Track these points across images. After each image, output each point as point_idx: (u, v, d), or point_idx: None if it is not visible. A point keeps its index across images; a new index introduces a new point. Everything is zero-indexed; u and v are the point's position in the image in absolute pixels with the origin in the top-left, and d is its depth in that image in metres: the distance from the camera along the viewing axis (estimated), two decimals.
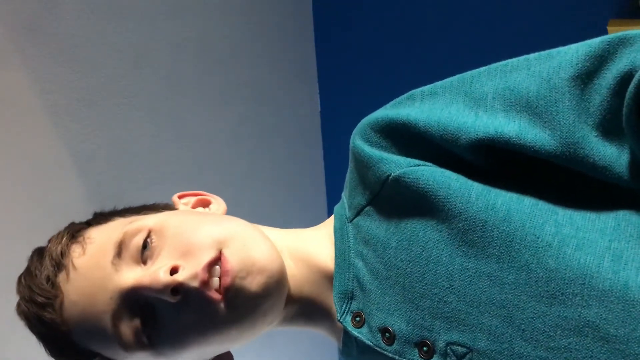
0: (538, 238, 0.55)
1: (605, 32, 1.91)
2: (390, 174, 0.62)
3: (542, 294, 0.54)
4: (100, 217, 0.72)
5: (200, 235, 0.64)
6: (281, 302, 0.66)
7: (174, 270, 0.61)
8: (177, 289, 0.61)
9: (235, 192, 1.99)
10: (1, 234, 1.34)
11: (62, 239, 0.70)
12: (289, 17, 2.25)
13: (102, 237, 0.67)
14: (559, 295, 0.53)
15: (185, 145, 1.81)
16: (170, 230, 0.65)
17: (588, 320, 0.52)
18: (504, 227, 0.56)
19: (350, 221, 0.68)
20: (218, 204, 0.79)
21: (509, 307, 0.55)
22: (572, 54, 0.57)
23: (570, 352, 0.52)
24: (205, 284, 0.61)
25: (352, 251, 0.66)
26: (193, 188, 1.84)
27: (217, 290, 0.61)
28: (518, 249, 0.55)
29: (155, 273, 0.61)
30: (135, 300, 0.63)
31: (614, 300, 0.51)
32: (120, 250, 0.65)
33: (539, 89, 0.57)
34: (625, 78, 0.53)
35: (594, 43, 0.56)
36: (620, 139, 0.54)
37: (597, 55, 0.55)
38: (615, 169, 0.54)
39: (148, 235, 0.65)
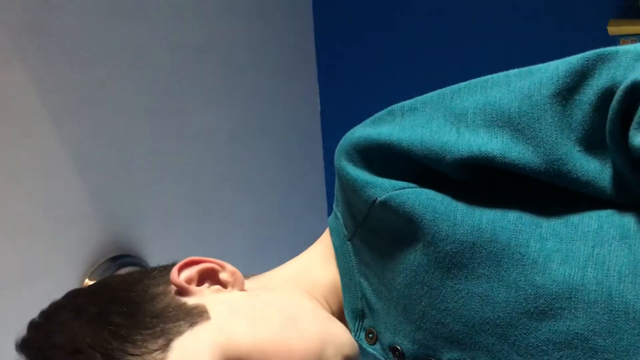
0: (524, 256, 0.56)
1: (605, 32, 1.92)
2: (377, 198, 0.62)
3: (532, 310, 0.55)
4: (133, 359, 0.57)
5: None
6: None
7: None
8: None
9: (235, 192, 1.99)
10: (1, 234, 1.34)
11: None
12: (289, 17, 2.24)
13: None
14: (547, 310, 0.55)
15: (185, 145, 1.81)
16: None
17: (577, 333, 0.54)
18: (491, 248, 0.57)
19: (349, 240, 0.68)
20: (229, 273, 0.67)
21: (503, 325, 0.57)
22: (552, 71, 0.57)
23: None
24: None
25: (355, 270, 0.67)
26: (193, 189, 1.81)
27: None
28: (506, 267, 0.56)
29: None
30: None
31: (599, 311, 0.53)
32: None
33: (520, 106, 0.57)
34: (606, 94, 0.54)
35: (574, 59, 0.57)
36: (603, 154, 0.55)
37: (577, 71, 0.56)
38: (599, 184, 0.55)
39: None
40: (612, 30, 1.92)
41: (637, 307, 0.52)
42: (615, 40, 1.96)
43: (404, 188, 0.61)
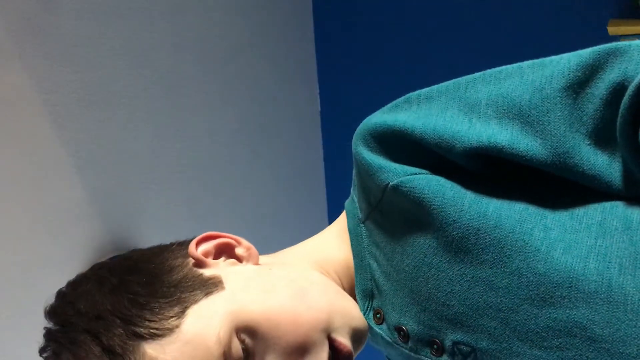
0: (527, 244, 0.57)
1: (605, 32, 1.92)
2: (389, 183, 0.63)
3: (533, 297, 0.57)
4: (152, 327, 0.60)
5: (307, 330, 0.62)
6: None
7: None
8: None
9: (235, 192, 1.99)
10: (1, 234, 1.34)
11: None
12: (289, 17, 2.25)
13: None
14: (548, 298, 0.56)
15: (185, 145, 1.81)
16: (262, 328, 0.61)
17: (576, 321, 0.55)
18: (496, 234, 0.58)
19: (363, 222, 0.70)
20: (245, 248, 0.70)
21: (505, 310, 0.58)
22: (564, 64, 0.58)
23: (562, 351, 0.56)
24: None
25: (366, 252, 0.69)
26: (193, 189, 1.82)
27: None
28: (509, 254, 0.58)
29: None
30: None
31: (599, 301, 0.54)
32: None
33: (531, 98, 0.58)
34: (618, 88, 0.54)
35: (585, 53, 0.58)
36: (612, 148, 0.55)
37: (589, 64, 0.56)
38: (605, 178, 0.56)
39: (242, 340, 0.61)
40: (612, 30, 1.92)
41: (635, 299, 0.53)
42: (615, 41, 1.95)
43: (415, 174, 0.63)
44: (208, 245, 0.68)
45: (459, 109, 0.62)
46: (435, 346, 0.63)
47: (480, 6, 2.16)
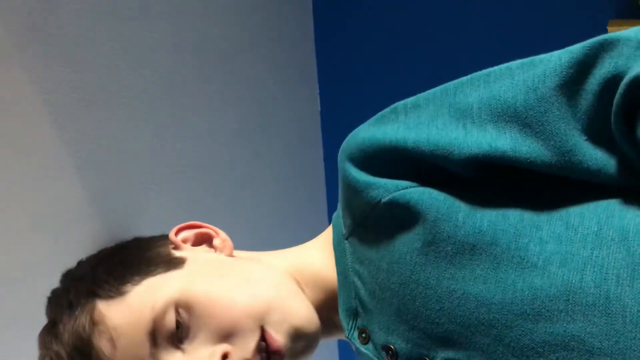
0: (523, 260, 0.57)
1: (605, 32, 1.91)
2: (380, 199, 0.63)
3: (528, 312, 0.56)
4: (109, 288, 0.67)
5: (240, 315, 0.63)
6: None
7: (225, 356, 0.62)
8: None
9: (235, 192, 1.99)
10: (1, 234, 1.34)
11: (83, 327, 0.65)
12: (289, 17, 2.24)
13: (129, 327, 0.64)
14: (544, 312, 0.55)
15: (185, 145, 1.81)
16: (200, 306, 0.64)
17: (574, 335, 0.54)
18: (491, 250, 0.58)
19: (346, 239, 0.68)
20: (222, 240, 0.74)
21: (498, 327, 0.57)
22: (555, 62, 0.58)
23: None
24: None
25: (350, 269, 0.67)
26: (193, 189, 1.82)
27: None
28: (504, 270, 0.57)
29: None
30: None
31: (597, 314, 0.53)
32: (154, 338, 0.63)
33: (526, 99, 0.57)
34: (609, 84, 0.54)
35: (576, 49, 0.57)
36: (609, 141, 0.55)
37: (580, 61, 0.56)
38: (609, 171, 0.55)
39: (178, 313, 0.64)
40: (612, 30, 1.92)
41: (634, 311, 0.52)
42: None
43: (406, 188, 0.62)
44: (189, 233, 0.74)
45: (450, 116, 0.60)
46: None
47: (480, 6, 2.15)
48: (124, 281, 0.67)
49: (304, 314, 0.66)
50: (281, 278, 0.69)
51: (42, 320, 0.75)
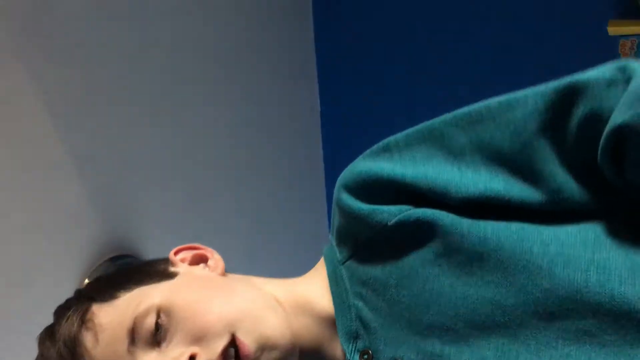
0: (529, 262, 0.60)
1: (605, 32, 1.91)
2: (387, 223, 0.66)
3: (541, 312, 0.59)
4: (105, 292, 0.72)
5: (212, 319, 0.67)
6: None
7: (192, 358, 0.64)
8: None
9: (235, 192, 1.99)
10: (1, 234, 1.34)
11: (73, 324, 0.70)
12: (289, 17, 2.25)
13: (113, 323, 0.68)
14: (556, 311, 0.59)
15: (185, 145, 1.81)
16: (179, 311, 0.67)
17: (585, 330, 0.58)
18: (498, 256, 0.61)
19: (343, 264, 0.71)
20: (215, 261, 0.78)
21: (513, 327, 0.60)
22: (532, 106, 0.62)
23: (571, 357, 0.58)
24: None
25: (349, 293, 0.70)
26: (193, 189, 1.82)
27: None
28: (513, 274, 0.61)
29: None
30: None
31: (604, 312, 0.57)
32: (133, 336, 0.67)
33: (511, 145, 0.62)
34: (587, 125, 0.59)
35: (548, 93, 0.62)
36: (592, 176, 0.60)
37: (556, 105, 0.61)
38: (595, 202, 0.61)
39: (158, 316, 0.67)
40: (612, 30, 1.92)
41: (638, 307, 0.56)
42: (615, 40, 1.96)
43: (409, 209, 0.66)
44: (187, 254, 0.78)
45: (444, 158, 0.65)
46: None
47: (480, 5, 2.16)
48: (119, 288, 0.72)
49: (275, 325, 0.68)
50: (261, 294, 0.72)
51: (42, 320, 0.76)
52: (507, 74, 2.12)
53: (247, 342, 0.65)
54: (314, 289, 0.74)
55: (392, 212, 0.66)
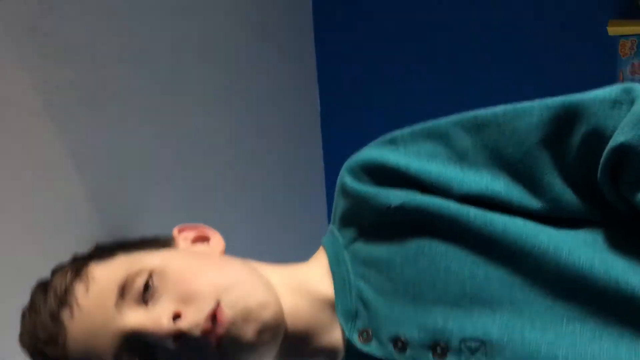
0: (535, 246, 0.62)
1: (605, 32, 1.92)
2: (391, 205, 0.67)
3: (547, 293, 0.61)
4: (103, 252, 0.73)
5: (202, 284, 0.67)
6: (277, 345, 0.70)
7: (176, 316, 0.65)
8: (180, 336, 0.64)
9: (235, 192, 1.99)
10: (1, 234, 1.34)
11: (67, 275, 0.71)
12: (289, 17, 2.25)
13: (105, 277, 0.69)
14: (562, 292, 0.61)
15: (185, 145, 1.81)
16: (172, 274, 0.68)
17: (590, 309, 0.60)
18: (505, 239, 0.63)
19: (346, 247, 0.72)
20: (216, 241, 0.79)
21: (519, 304, 0.62)
22: (537, 117, 0.65)
23: (576, 334, 0.60)
24: (208, 333, 0.64)
25: (351, 274, 0.70)
26: (193, 188, 1.83)
27: (215, 339, 0.65)
28: (520, 255, 0.62)
29: (158, 319, 0.65)
30: (136, 343, 0.66)
31: (609, 296, 0.59)
32: (123, 292, 0.67)
33: (513, 153, 0.65)
34: (589, 141, 0.62)
35: (555, 106, 0.64)
36: (590, 188, 0.63)
37: (560, 120, 0.63)
38: (590, 212, 0.64)
39: (150, 277, 0.68)
40: (612, 30, 1.92)
41: None
42: (615, 40, 1.96)
43: (417, 194, 0.67)
44: (190, 232, 0.79)
45: (447, 157, 0.67)
46: (438, 349, 0.64)
47: (481, 5, 2.16)
48: (118, 250, 0.73)
49: (262, 300, 0.67)
50: (256, 273, 0.72)
51: None
52: (508, 74, 2.12)
53: (228, 311, 0.65)
54: (313, 273, 0.74)
55: (398, 195, 0.67)
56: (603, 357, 0.59)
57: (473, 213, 0.64)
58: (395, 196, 0.67)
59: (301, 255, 0.82)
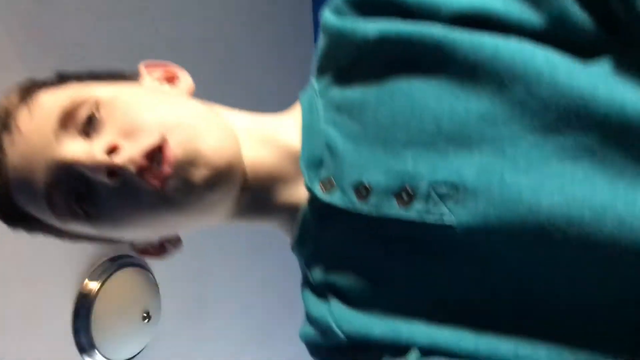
0: (529, 67, 0.53)
1: None
2: (369, 38, 0.60)
3: (537, 126, 0.53)
4: (59, 79, 0.69)
5: (147, 117, 0.61)
6: (231, 194, 0.64)
7: (112, 149, 0.59)
8: (115, 171, 0.59)
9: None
10: (0, 234, 1.34)
11: (12, 99, 0.67)
12: (289, 17, 2.25)
13: (49, 102, 0.65)
14: (555, 124, 0.52)
15: None
16: (119, 106, 0.63)
17: (586, 145, 0.52)
18: (494, 65, 0.55)
19: (320, 93, 0.67)
20: (185, 81, 0.74)
21: (502, 141, 0.54)
22: None
23: (566, 174, 0.52)
24: (143, 170, 0.59)
25: (322, 120, 0.65)
26: None
27: (158, 178, 0.59)
28: (509, 83, 0.54)
29: (93, 150, 0.60)
30: (71, 174, 0.61)
31: (611, 125, 0.51)
32: (65, 119, 0.63)
33: None
34: None
35: None
36: (601, 7, 0.54)
37: None
38: (597, 37, 0.54)
39: (96, 108, 0.63)
40: None
41: None
42: None
43: (397, 22, 0.59)
44: (158, 69, 0.73)
45: None
46: (404, 195, 0.57)
47: None
48: (73, 78, 0.69)
49: (215, 144, 0.62)
50: (216, 115, 0.67)
51: (42, 320, 0.74)
52: None
53: (175, 149, 0.59)
54: (284, 122, 0.69)
55: (377, 25, 0.59)
56: (596, 199, 0.50)
57: (459, 37, 0.56)
58: (374, 26, 0.60)
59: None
